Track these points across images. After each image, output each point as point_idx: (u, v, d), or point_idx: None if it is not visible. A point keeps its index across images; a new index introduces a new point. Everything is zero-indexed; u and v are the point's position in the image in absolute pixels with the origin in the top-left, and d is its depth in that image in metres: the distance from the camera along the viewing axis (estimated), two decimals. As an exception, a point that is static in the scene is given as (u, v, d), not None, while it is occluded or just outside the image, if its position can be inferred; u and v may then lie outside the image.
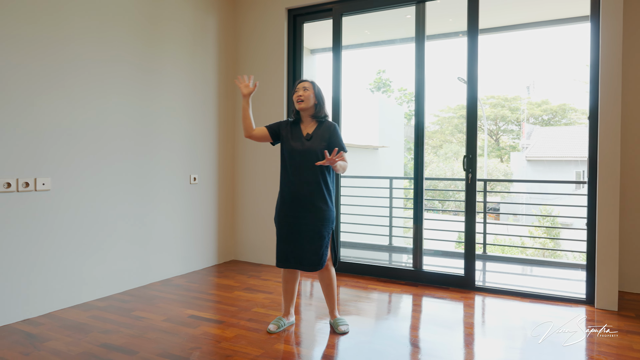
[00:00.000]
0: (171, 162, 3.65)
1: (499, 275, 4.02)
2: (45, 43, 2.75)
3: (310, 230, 2.40)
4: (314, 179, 2.40)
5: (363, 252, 4.75)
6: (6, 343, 2.33)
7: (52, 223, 2.82)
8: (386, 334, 2.51)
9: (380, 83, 15.87)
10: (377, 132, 8.32)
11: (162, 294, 3.19)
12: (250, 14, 4.10)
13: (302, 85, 2.48)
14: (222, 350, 2.25)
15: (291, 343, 2.36)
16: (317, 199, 2.40)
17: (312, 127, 2.50)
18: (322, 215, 2.41)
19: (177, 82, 3.68)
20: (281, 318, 2.54)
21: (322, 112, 2.51)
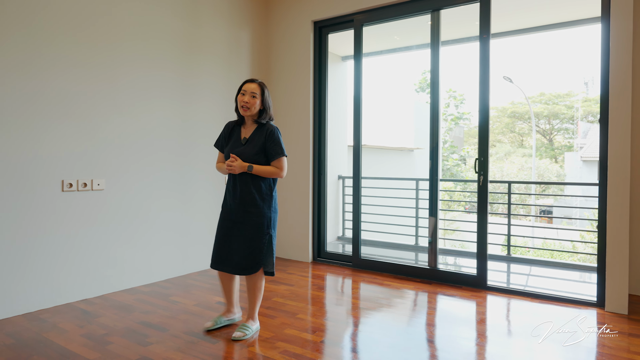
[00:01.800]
0: (207, 167, 4.04)
1: (521, 277, 4.01)
2: (101, 65, 3.21)
3: (242, 235, 2.41)
4: (246, 184, 2.39)
5: (390, 251, 4.89)
6: (66, 317, 2.78)
7: (105, 218, 3.27)
8: (396, 327, 2.69)
9: (425, 84, 15.67)
10: (412, 134, 8.34)
11: (198, 283, 3.56)
12: (280, 28, 4.41)
13: (251, 90, 2.40)
14: (238, 332, 2.55)
15: (300, 329, 2.60)
16: (249, 204, 2.40)
17: (251, 131, 2.48)
18: (255, 220, 2.40)
19: (214, 95, 4.07)
20: (220, 316, 2.60)
21: (266, 117, 2.47)
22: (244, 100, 2.40)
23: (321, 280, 3.69)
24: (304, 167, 4.25)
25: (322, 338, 2.45)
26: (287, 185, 4.43)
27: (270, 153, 2.43)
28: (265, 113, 2.46)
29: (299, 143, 4.30)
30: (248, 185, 2.40)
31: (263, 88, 2.45)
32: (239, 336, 2.41)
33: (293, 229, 4.38)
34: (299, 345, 2.35)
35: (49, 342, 2.39)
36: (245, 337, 2.43)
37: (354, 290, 3.45)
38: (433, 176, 3.54)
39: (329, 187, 5.05)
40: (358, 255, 3.93)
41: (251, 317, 2.54)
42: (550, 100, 15.89)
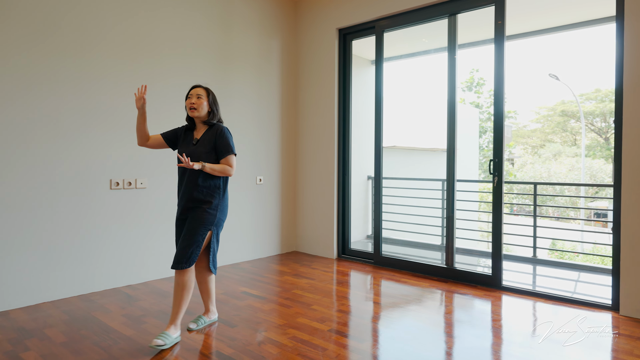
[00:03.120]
0: (240, 166, 4.33)
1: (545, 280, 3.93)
2: (143, 80, 3.58)
3: (186, 229, 2.44)
4: (195, 182, 2.44)
5: (418, 250, 4.95)
6: (112, 299, 3.16)
7: (147, 213, 3.65)
8: (404, 321, 2.81)
9: (472, 83, 15.23)
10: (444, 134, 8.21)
11: (229, 274, 3.86)
12: (307, 36, 4.62)
13: (196, 92, 2.50)
14: (255, 318, 2.78)
15: (312, 319, 2.79)
16: (196, 200, 2.45)
17: (201, 133, 2.56)
18: (200, 217, 2.43)
19: (246, 100, 4.36)
20: (201, 316, 2.66)
21: (215, 118, 2.56)
22: (191, 102, 2.47)
23: (341, 276, 3.86)
24: (329, 168, 4.44)
25: (330, 327, 2.62)
26: (313, 184, 4.64)
27: (220, 151, 2.48)
28: (213, 114, 2.55)
29: (324, 145, 4.50)
30: (196, 183, 2.44)
31: (208, 91, 2.55)
32: (158, 344, 2.24)
33: (318, 227, 4.58)
34: (307, 332, 2.54)
35: (96, 320, 2.75)
36: (165, 346, 2.26)
37: (371, 285, 3.59)
38: (450, 177, 3.60)
39: (358, 187, 5.20)
40: (379, 253, 4.06)
41: (172, 323, 2.39)
42: (606, 97, 14.83)
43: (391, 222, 4.89)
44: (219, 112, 2.59)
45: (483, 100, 15.41)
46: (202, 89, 2.52)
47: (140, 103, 2.42)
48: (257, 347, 2.33)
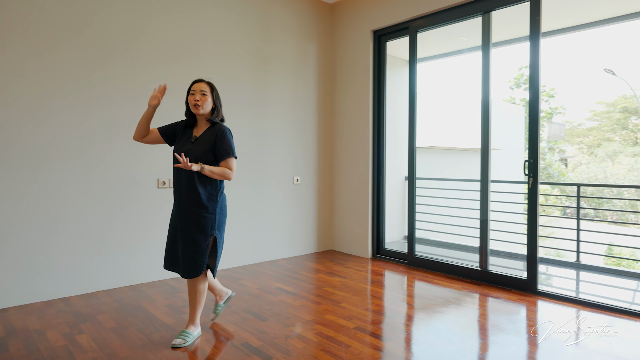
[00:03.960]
0: (278, 167, 4.47)
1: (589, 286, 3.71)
2: (186, 86, 3.80)
3: (185, 235, 2.32)
4: (191, 183, 2.31)
5: (456, 252, 4.84)
6: (158, 290, 3.39)
7: (189, 211, 3.86)
8: (431, 322, 2.79)
9: (521, 79, 14.49)
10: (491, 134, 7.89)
11: (266, 271, 4.00)
12: (343, 38, 4.66)
13: (200, 88, 2.36)
14: (285, 313, 2.87)
15: (339, 316, 2.84)
16: (193, 203, 2.32)
17: (202, 131, 2.42)
18: (198, 221, 2.31)
19: (283, 103, 4.48)
20: (216, 304, 2.66)
21: (218, 116, 2.43)
22: (195, 99, 2.33)
23: (373, 275, 3.87)
24: (363, 168, 4.46)
25: (357, 325, 2.66)
26: (348, 184, 4.67)
27: (220, 153, 2.35)
28: (217, 112, 2.41)
29: (359, 145, 4.53)
30: (193, 184, 2.31)
31: (212, 86, 2.40)
32: (179, 343, 2.32)
33: (354, 226, 4.61)
34: (333, 329, 2.59)
35: (142, 308, 2.96)
36: (185, 344, 2.33)
37: (401, 285, 3.58)
38: (484, 177, 3.50)
39: (395, 187, 5.18)
40: (413, 254, 4.03)
41: (192, 322, 2.45)
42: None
43: (428, 223, 4.83)
44: (221, 109, 2.45)
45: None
46: (206, 84, 2.37)
47: (156, 101, 2.32)
48: (283, 341, 2.42)
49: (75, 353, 2.26)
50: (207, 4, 3.89)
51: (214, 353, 2.27)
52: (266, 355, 2.24)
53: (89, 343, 2.38)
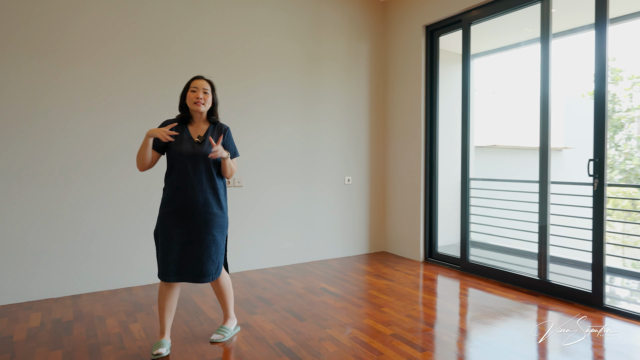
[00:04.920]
0: (329, 168, 4.45)
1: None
2: (239, 90, 3.92)
3: (204, 238, 2.24)
4: (207, 185, 2.25)
5: (514, 258, 4.46)
6: (208, 285, 3.54)
7: (243, 210, 3.98)
8: (479, 334, 2.59)
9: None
10: (562, 132, 7.11)
11: (315, 270, 4.00)
12: (395, 36, 4.51)
13: (202, 86, 2.27)
14: (324, 315, 2.84)
15: (378, 321, 2.74)
16: (211, 205, 2.25)
17: (204, 130, 2.32)
18: (217, 222, 2.28)
19: (335, 103, 4.45)
20: (162, 341, 2.27)
21: (215, 115, 2.36)
22: (197, 96, 2.24)
23: (422, 280, 3.70)
24: (415, 168, 4.27)
25: (394, 332, 2.55)
26: (400, 185, 4.51)
27: (229, 152, 2.35)
28: (214, 110, 2.35)
29: (410, 145, 4.35)
30: (206, 186, 2.25)
31: (212, 84, 2.34)
32: (217, 339, 2.39)
33: (405, 228, 4.44)
34: (369, 334, 2.51)
35: (192, 302, 3.11)
36: (224, 339, 2.40)
37: (450, 292, 3.36)
38: (543, 178, 3.17)
39: (453, 188, 4.90)
40: (466, 259, 3.78)
41: (228, 317, 2.50)
42: None
43: (485, 226, 4.51)
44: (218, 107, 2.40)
45: (620, 90, 12.92)
46: (206, 82, 2.30)
47: (163, 140, 2.14)
48: (316, 343, 2.39)
49: (126, 340, 2.42)
50: (261, 4, 3.98)
51: (247, 350, 2.30)
52: (296, 356, 2.22)
53: (139, 332, 2.55)
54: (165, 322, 2.30)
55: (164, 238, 2.21)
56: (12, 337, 2.46)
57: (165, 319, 2.30)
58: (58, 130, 3.17)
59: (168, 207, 2.23)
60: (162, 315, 2.30)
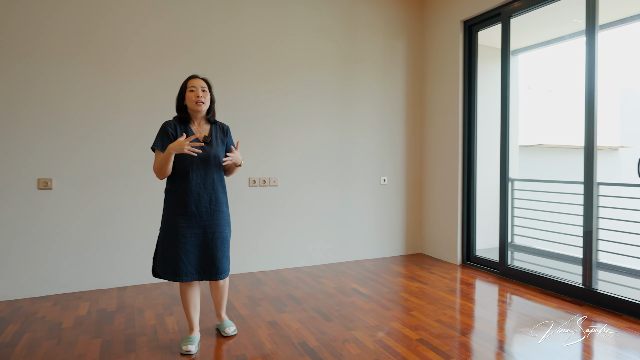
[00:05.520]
0: (364, 168, 4.39)
1: None
2: (275, 91, 3.96)
3: (219, 236, 2.29)
4: (217, 184, 2.30)
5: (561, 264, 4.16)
6: (244, 281, 3.62)
7: (278, 208, 4.02)
8: (519, 349, 2.45)
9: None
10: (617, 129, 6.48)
11: (348, 271, 3.96)
12: (433, 33, 4.35)
13: (200, 85, 2.27)
14: (352, 316, 2.80)
15: (406, 325, 2.66)
16: (221, 203, 2.31)
17: (207, 130, 2.33)
18: (227, 220, 2.33)
19: (370, 103, 4.38)
20: (193, 337, 2.33)
21: (214, 112, 2.38)
22: (197, 95, 2.23)
23: (457, 284, 3.54)
24: (452, 168, 4.11)
25: (421, 337, 2.46)
26: (437, 185, 4.36)
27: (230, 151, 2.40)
28: (212, 109, 2.36)
29: (447, 144, 4.19)
30: (216, 186, 2.30)
31: (209, 83, 2.34)
32: (234, 331, 2.49)
33: (443, 230, 4.29)
34: (394, 338, 2.44)
35: (225, 297, 3.19)
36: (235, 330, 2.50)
37: (485, 298, 3.19)
38: (588, 180, 2.91)
39: (495, 189, 4.67)
40: (504, 263, 3.57)
41: (223, 313, 2.56)
42: None
43: (528, 229, 4.25)
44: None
45: None
46: (203, 81, 2.30)
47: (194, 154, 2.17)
48: (340, 344, 2.36)
49: (159, 332, 2.53)
50: (295, 3, 4.00)
51: (270, 348, 2.32)
52: (318, 357, 2.21)
53: (172, 325, 2.65)
54: (192, 319, 2.35)
55: (177, 239, 2.20)
56: (62, 323, 2.65)
57: (192, 316, 2.35)
58: (109, 131, 3.37)
59: (180, 208, 2.22)
60: (188, 312, 2.35)
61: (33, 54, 3.14)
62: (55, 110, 3.21)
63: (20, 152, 3.13)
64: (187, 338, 2.32)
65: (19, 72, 3.10)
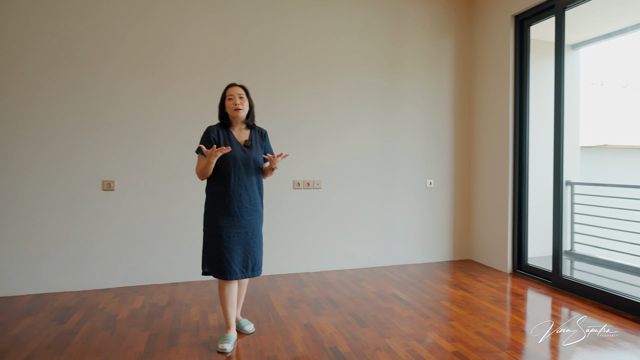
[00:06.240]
0: (409, 171, 4.26)
1: None
2: (319, 94, 3.97)
3: (256, 235, 2.42)
4: (255, 186, 2.41)
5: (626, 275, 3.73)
6: (287, 282, 3.67)
7: (322, 210, 4.03)
8: None
9: None
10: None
11: (391, 275, 3.87)
12: (482, 30, 4.12)
13: (238, 92, 2.38)
14: (388, 323, 2.73)
15: (443, 335, 2.54)
16: (258, 204, 2.43)
17: (247, 134, 2.45)
18: (261, 219, 2.48)
19: (415, 104, 4.24)
20: (229, 335, 2.40)
21: (253, 117, 2.47)
22: (235, 102, 2.36)
23: (504, 293, 3.32)
24: (502, 171, 3.86)
25: (457, 349, 2.34)
26: (486, 188, 4.11)
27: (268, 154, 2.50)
28: (251, 113, 2.46)
29: (497, 145, 3.94)
30: (255, 187, 2.42)
31: (247, 90, 2.44)
32: (253, 329, 2.60)
33: (492, 236, 4.04)
34: (429, 349, 2.34)
35: (266, 297, 3.26)
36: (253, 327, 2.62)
37: (534, 310, 2.95)
38: (655, 187, 2.58)
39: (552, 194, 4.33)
40: (558, 274, 3.28)
41: (239, 311, 2.67)
42: None
43: (589, 237, 3.87)
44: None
45: None
46: (241, 88, 2.41)
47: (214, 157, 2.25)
48: (371, 352, 2.31)
49: (201, 329, 2.64)
50: (339, 5, 3.99)
51: (302, 352, 2.32)
52: (347, 363, 2.18)
53: (214, 322, 2.76)
54: (229, 316, 2.42)
55: (221, 239, 2.31)
56: (118, 315, 2.86)
57: (229, 313, 2.41)
58: (164, 137, 3.58)
59: (222, 209, 2.32)
60: (225, 310, 2.41)
61: (98, 67, 3.42)
62: (118, 118, 3.48)
63: (88, 156, 3.42)
64: (224, 337, 2.39)
65: (86, 85, 3.40)
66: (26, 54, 3.27)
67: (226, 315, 2.43)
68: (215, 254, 2.32)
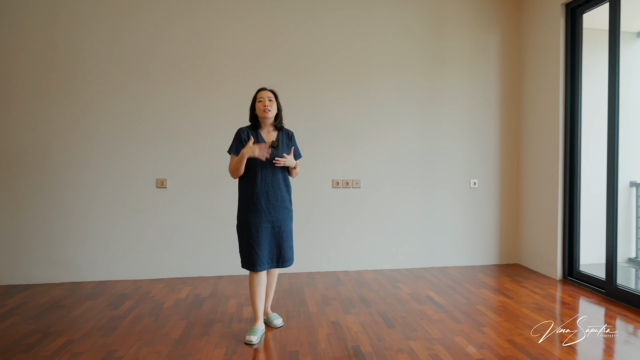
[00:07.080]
0: (452, 171, 4.09)
1: None
2: (359, 95, 3.94)
3: (286, 229, 2.53)
4: (282, 184, 2.52)
5: None
6: (324, 280, 3.69)
7: (361, 210, 4.00)
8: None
9: None
10: None
11: (429, 277, 3.75)
12: (531, 21, 3.82)
13: (267, 95, 2.49)
14: (416, 325, 2.64)
15: (472, 341, 2.42)
16: (285, 200, 2.54)
17: (274, 135, 2.57)
18: (290, 215, 2.58)
19: (457, 102, 4.06)
20: (257, 328, 2.48)
21: (281, 119, 2.58)
22: (264, 104, 2.47)
23: (549, 301, 3.06)
24: (552, 170, 3.55)
25: (483, 357, 2.21)
26: (535, 189, 3.82)
27: (295, 155, 2.63)
28: (279, 116, 2.58)
29: (546, 144, 3.64)
30: (282, 185, 2.53)
31: (276, 93, 2.57)
32: (281, 323, 2.67)
33: (541, 240, 3.74)
34: (453, 355, 2.24)
35: (300, 294, 3.31)
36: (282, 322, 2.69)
37: (580, 321, 2.67)
38: None
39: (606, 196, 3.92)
40: (612, 282, 2.95)
41: (269, 305, 2.77)
42: None
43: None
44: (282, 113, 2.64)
45: None
46: (270, 92, 2.54)
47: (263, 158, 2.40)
48: (392, 354, 2.26)
49: (234, 321, 2.75)
50: (378, 4, 3.94)
51: (324, 349, 2.33)
52: (365, 363, 2.16)
53: (247, 315, 2.85)
54: (257, 308, 2.49)
55: (251, 233, 2.44)
56: (164, 303, 3.08)
57: (257, 305, 2.49)
58: (212, 138, 3.78)
59: (251, 205, 2.46)
60: (254, 301, 2.48)
61: (153, 73, 3.69)
62: (169, 121, 3.73)
63: (143, 155, 3.71)
64: (252, 329, 2.47)
65: (142, 89, 3.69)
66: (95, 64, 3.62)
67: (254, 308, 2.50)
68: (246, 247, 2.46)
